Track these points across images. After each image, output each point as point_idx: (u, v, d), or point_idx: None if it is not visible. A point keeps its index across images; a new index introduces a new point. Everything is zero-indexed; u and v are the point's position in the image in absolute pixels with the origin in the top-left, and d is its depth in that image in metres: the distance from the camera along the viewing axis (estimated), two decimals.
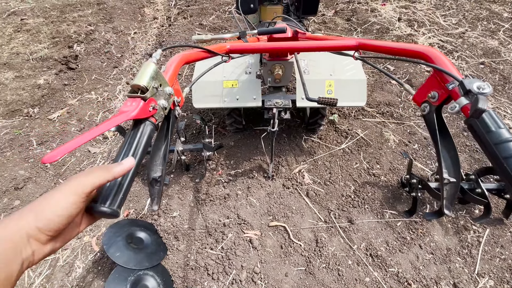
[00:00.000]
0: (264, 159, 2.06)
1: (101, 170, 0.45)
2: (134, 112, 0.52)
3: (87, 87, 2.82)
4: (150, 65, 0.58)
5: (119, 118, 0.51)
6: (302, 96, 1.72)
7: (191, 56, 0.78)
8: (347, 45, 0.86)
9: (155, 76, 0.59)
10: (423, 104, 0.66)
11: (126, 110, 0.52)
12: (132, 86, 0.57)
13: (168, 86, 0.64)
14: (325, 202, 1.82)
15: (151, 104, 0.58)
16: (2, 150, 2.17)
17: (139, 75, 0.57)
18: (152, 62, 0.59)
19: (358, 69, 1.77)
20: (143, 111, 0.55)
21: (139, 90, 0.57)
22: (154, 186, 0.64)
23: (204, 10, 4.01)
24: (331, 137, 2.21)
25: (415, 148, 2.13)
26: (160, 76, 0.61)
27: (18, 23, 3.80)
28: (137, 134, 0.53)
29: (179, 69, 0.72)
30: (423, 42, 3.17)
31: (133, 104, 0.54)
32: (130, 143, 0.52)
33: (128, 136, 0.54)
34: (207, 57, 0.84)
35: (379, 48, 0.77)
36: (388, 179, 1.94)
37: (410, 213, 1.72)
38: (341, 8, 4.04)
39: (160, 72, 0.61)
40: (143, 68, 0.58)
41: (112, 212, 0.45)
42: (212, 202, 1.81)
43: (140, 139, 0.53)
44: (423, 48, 0.68)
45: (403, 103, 2.52)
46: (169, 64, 0.69)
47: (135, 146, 0.52)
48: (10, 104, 2.56)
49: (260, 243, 1.63)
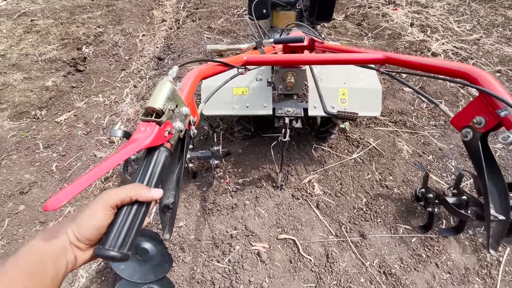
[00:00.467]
0: (273, 168, 2.01)
1: (130, 188, 0.47)
2: (148, 140, 0.47)
3: (94, 89, 2.81)
4: (166, 85, 0.53)
5: (130, 148, 0.46)
6: (315, 104, 1.67)
7: (208, 70, 0.73)
8: (372, 59, 0.80)
9: (172, 97, 0.54)
10: (464, 129, 0.59)
11: (139, 137, 0.47)
12: (147, 109, 0.51)
13: (184, 106, 0.58)
14: (336, 215, 1.76)
15: (167, 128, 0.53)
16: (8, 153, 2.16)
17: (154, 96, 0.51)
18: (168, 81, 0.54)
19: (373, 77, 1.71)
20: (158, 138, 0.50)
21: (153, 113, 0.52)
22: (165, 213, 0.59)
23: (213, 13, 3.99)
24: (342, 146, 2.15)
25: (430, 160, 2.05)
26: (177, 96, 0.56)
27: (28, 24, 3.82)
28: (151, 162, 0.48)
29: (196, 85, 0.67)
30: (436, 49, 3.09)
31: (147, 130, 0.48)
32: (143, 174, 0.47)
33: (141, 165, 0.49)
34: (224, 70, 0.79)
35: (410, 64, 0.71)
36: (401, 192, 1.87)
37: (425, 228, 1.64)
38: (352, 12, 3.98)
39: (177, 91, 0.56)
40: (158, 88, 0.53)
41: (123, 257, 0.40)
42: (219, 212, 1.76)
43: (154, 169, 0.48)
44: (467, 68, 0.61)
45: (416, 112, 2.45)
46: (185, 80, 0.64)
47: (149, 177, 0.47)
48: (18, 105, 2.55)
49: (268, 256, 1.57)
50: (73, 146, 2.25)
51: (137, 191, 0.46)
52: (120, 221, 0.43)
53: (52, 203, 0.35)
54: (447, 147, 2.13)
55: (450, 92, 2.62)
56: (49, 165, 2.09)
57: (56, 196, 0.36)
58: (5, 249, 1.63)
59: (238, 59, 0.86)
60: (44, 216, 1.79)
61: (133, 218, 0.44)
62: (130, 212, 0.44)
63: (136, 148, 0.46)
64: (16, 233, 1.71)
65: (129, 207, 0.44)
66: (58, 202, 0.36)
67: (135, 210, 0.45)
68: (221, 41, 3.44)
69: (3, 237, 1.69)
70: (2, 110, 2.51)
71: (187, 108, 0.58)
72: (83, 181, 0.39)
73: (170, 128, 0.53)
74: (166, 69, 3.03)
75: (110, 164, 0.43)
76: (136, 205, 0.45)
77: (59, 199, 0.36)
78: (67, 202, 0.38)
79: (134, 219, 0.44)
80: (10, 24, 3.82)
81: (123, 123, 2.47)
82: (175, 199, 0.59)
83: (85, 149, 2.23)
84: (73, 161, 2.14)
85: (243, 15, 3.95)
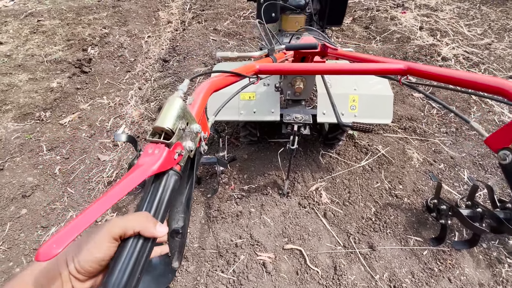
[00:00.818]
0: (279, 175, 1.96)
1: (136, 220, 0.43)
2: (156, 166, 0.43)
3: (99, 91, 2.79)
4: (176, 102, 0.48)
5: (135, 176, 0.41)
6: (324, 111, 1.62)
7: (220, 82, 0.69)
8: (393, 69, 0.75)
9: (182, 115, 0.49)
10: (502, 151, 0.53)
11: (145, 162, 0.43)
12: (155, 128, 0.47)
13: (195, 123, 0.54)
14: (344, 225, 1.70)
15: (177, 150, 0.48)
16: (12, 155, 2.14)
17: (164, 115, 0.47)
18: (178, 98, 0.49)
19: (384, 84, 1.66)
20: (167, 162, 0.45)
21: (162, 133, 0.48)
22: (174, 238, 0.54)
23: (219, 15, 3.96)
24: (350, 152, 2.09)
25: (441, 168, 1.99)
26: (188, 113, 0.51)
27: (35, 24, 3.82)
28: (159, 189, 0.44)
29: (207, 99, 0.62)
30: (446, 53, 3.02)
31: (155, 153, 0.44)
32: (150, 202, 0.43)
33: (148, 192, 0.44)
34: (236, 81, 0.75)
35: (436, 76, 0.66)
36: (411, 202, 1.81)
37: (437, 241, 1.58)
38: (359, 15, 3.92)
39: (187, 108, 0.51)
40: (168, 105, 0.48)
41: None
42: (224, 220, 1.72)
43: (163, 196, 0.44)
44: (503, 83, 0.56)
45: (427, 118, 2.38)
46: (197, 94, 0.59)
47: (156, 205, 0.43)
48: (23, 107, 2.54)
49: (274, 267, 1.52)
50: (77, 148, 2.22)
51: (144, 224, 0.42)
52: (124, 258, 0.38)
53: (45, 252, 0.31)
54: (459, 155, 2.07)
55: (461, 98, 2.55)
56: (52, 168, 2.07)
57: (49, 242, 0.32)
58: (6, 254, 1.61)
59: (250, 68, 0.81)
60: (46, 221, 1.76)
61: (138, 254, 0.40)
62: (135, 247, 0.40)
63: (142, 176, 0.41)
64: (17, 238, 1.68)
65: (135, 241, 0.40)
66: (52, 251, 0.31)
67: (141, 244, 0.40)
68: (227, 43, 3.41)
69: (4, 241, 1.66)
70: (6, 111, 2.50)
71: (198, 125, 0.53)
72: (81, 222, 0.35)
73: (181, 150, 0.49)
74: (171, 71, 3.01)
75: (113, 198, 0.39)
76: (142, 239, 0.41)
77: (52, 248, 0.31)
78: (62, 250, 0.33)
79: (139, 255, 0.40)
80: (16, 24, 3.83)
81: (127, 126, 2.45)
82: (185, 223, 0.54)
83: (89, 152, 2.20)
84: (76, 164, 2.11)
85: (249, 17, 3.92)
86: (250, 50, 3.29)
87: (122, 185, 0.40)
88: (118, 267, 0.38)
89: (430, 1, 4.12)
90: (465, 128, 2.27)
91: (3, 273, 1.53)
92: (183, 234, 0.52)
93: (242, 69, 0.79)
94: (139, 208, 0.44)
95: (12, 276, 0.64)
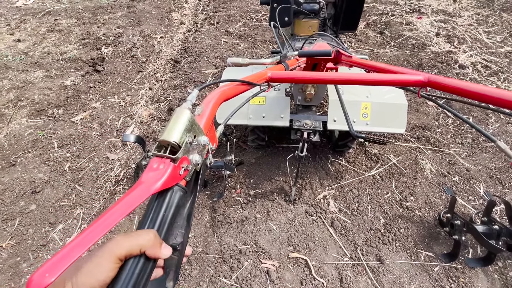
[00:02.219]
0: (286, 181, 1.93)
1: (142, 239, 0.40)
2: (159, 183, 0.40)
3: (111, 90, 2.82)
4: (184, 114, 0.46)
5: (137, 195, 0.39)
6: (335, 118, 1.59)
7: (230, 91, 0.67)
8: (412, 81, 0.71)
9: (190, 127, 0.47)
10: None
11: (148, 179, 0.40)
12: (161, 142, 0.45)
13: (203, 135, 0.51)
14: (352, 235, 1.66)
15: (183, 165, 0.46)
16: (24, 151, 2.18)
17: (170, 127, 0.45)
18: (186, 109, 0.47)
19: (398, 92, 1.61)
20: (172, 178, 0.43)
21: (169, 146, 0.45)
22: (172, 255, 0.52)
23: (231, 17, 3.96)
24: (360, 161, 2.04)
25: (455, 181, 1.92)
26: (195, 126, 0.49)
27: (52, 23, 3.92)
28: (162, 206, 0.42)
29: (217, 109, 0.60)
30: (464, 61, 2.93)
31: (159, 168, 0.42)
32: (152, 219, 0.41)
33: (151, 208, 0.42)
34: (247, 89, 0.73)
35: (459, 91, 0.61)
36: (423, 214, 1.74)
37: (450, 257, 1.52)
38: (374, 20, 3.86)
39: (196, 120, 0.49)
40: (175, 117, 0.46)
41: None
42: (229, 225, 1.69)
43: (166, 213, 0.42)
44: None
45: (441, 128, 2.31)
46: (206, 104, 0.57)
47: (160, 222, 0.41)
48: (37, 103, 2.59)
49: (278, 276, 1.49)
50: (87, 146, 2.25)
51: (151, 243, 0.39)
52: (124, 278, 0.36)
53: (37, 283, 0.29)
54: (475, 168, 1.99)
55: (478, 108, 2.46)
56: (62, 165, 2.10)
57: (41, 271, 0.30)
58: (14, 249, 1.63)
59: (262, 75, 0.79)
60: (54, 218, 1.78)
61: (140, 274, 0.37)
62: (136, 266, 0.37)
63: (145, 194, 0.39)
64: (26, 233, 1.71)
65: (136, 261, 0.38)
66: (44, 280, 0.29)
67: (142, 264, 0.38)
68: (238, 45, 3.40)
69: (13, 236, 1.69)
70: (21, 108, 2.56)
71: (206, 137, 0.51)
72: (77, 248, 0.33)
73: (187, 164, 0.47)
74: (182, 72, 3.02)
75: (112, 219, 0.36)
76: (143, 259, 0.39)
77: (44, 277, 0.29)
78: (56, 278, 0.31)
79: (140, 275, 0.38)
80: (35, 22, 3.93)
81: (137, 126, 2.46)
82: (184, 239, 0.50)
83: (98, 151, 2.23)
84: (85, 162, 2.14)
85: (261, 20, 3.91)
86: (261, 54, 3.27)
87: (123, 204, 0.38)
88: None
89: (447, 6, 4.02)
90: (482, 139, 2.18)
91: (10, 267, 1.55)
92: (180, 252, 0.49)
93: (254, 77, 0.76)
94: (141, 226, 0.42)
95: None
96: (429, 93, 0.72)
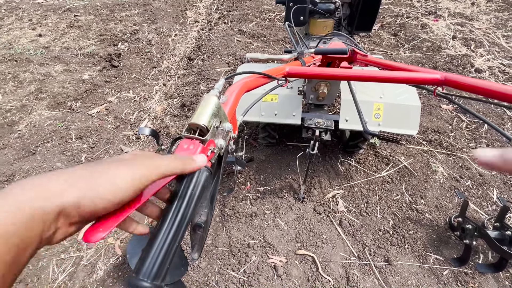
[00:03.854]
0: (296, 179, 1.95)
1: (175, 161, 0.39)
2: None
3: (126, 85, 2.90)
4: (212, 100, 0.50)
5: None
6: (347, 117, 1.59)
7: (252, 83, 0.70)
8: (429, 79, 0.72)
9: (217, 113, 0.51)
10: None
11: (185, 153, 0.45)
12: (190, 124, 0.48)
13: (227, 122, 0.55)
14: (360, 235, 1.66)
15: (210, 147, 0.49)
16: (44, 141, 2.27)
17: (199, 112, 0.48)
18: (214, 96, 0.50)
19: (412, 93, 1.60)
20: None
21: (197, 129, 0.49)
22: (196, 231, 0.56)
23: (245, 16, 4.00)
24: (370, 162, 2.04)
25: (468, 186, 1.89)
26: (221, 112, 0.52)
27: (72, 19, 4.05)
28: (190, 184, 0.45)
29: (239, 98, 0.63)
30: (481, 65, 2.87)
31: (190, 148, 0.45)
32: (181, 197, 0.44)
33: (180, 186, 0.46)
34: (266, 83, 0.76)
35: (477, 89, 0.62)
36: (433, 218, 1.73)
37: (460, 262, 1.50)
38: (388, 22, 3.82)
39: (222, 107, 0.53)
40: (204, 102, 0.50)
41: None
42: (238, 219, 1.72)
43: (194, 191, 0.45)
44: None
45: (455, 132, 2.27)
46: (230, 93, 0.61)
47: (188, 199, 0.44)
48: (56, 96, 2.69)
49: (285, 271, 1.51)
50: (102, 139, 2.32)
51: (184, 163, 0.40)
52: (158, 243, 0.39)
53: (91, 235, 0.33)
54: (489, 173, 1.95)
55: (494, 113, 2.41)
56: (79, 156, 2.17)
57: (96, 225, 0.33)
58: None
59: (280, 70, 0.82)
60: None
61: (172, 239, 0.40)
62: (170, 232, 0.40)
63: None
64: None
65: (170, 225, 0.41)
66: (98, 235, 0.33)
67: (176, 229, 0.41)
68: (251, 45, 3.43)
69: None
70: (42, 99, 2.67)
71: (230, 124, 0.54)
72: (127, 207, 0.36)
73: (213, 147, 0.50)
74: (195, 69, 3.07)
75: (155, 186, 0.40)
76: (177, 223, 0.41)
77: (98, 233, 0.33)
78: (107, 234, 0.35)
79: (173, 240, 0.40)
80: (55, 18, 4.07)
81: (150, 120, 2.53)
82: (208, 218, 0.55)
83: (113, 143, 2.30)
84: (101, 153, 2.21)
85: (274, 20, 3.93)
86: (274, 53, 3.29)
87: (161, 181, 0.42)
88: (152, 253, 0.38)
89: (465, 9, 3.94)
90: (496, 145, 2.14)
91: None
92: (204, 229, 0.54)
93: (272, 71, 0.79)
94: (170, 205, 0.45)
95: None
96: (445, 92, 0.73)
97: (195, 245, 0.55)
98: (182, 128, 2.30)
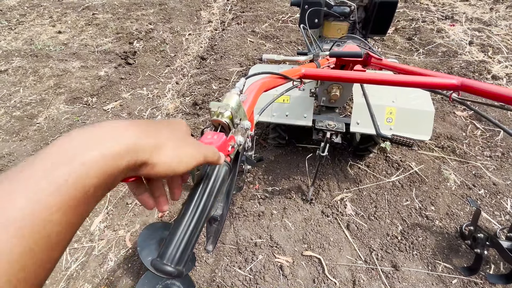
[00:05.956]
0: (304, 180, 1.95)
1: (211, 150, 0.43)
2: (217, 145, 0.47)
3: (140, 82, 2.97)
4: (233, 98, 0.53)
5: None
6: (358, 120, 1.59)
7: (270, 83, 0.72)
8: (445, 84, 0.72)
9: (238, 110, 0.54)
10: None
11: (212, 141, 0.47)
12: (213, 121, 0.51)
13: (246, 120, 0.57)
14: (367, 239, 1.65)
15: (231, 142, 0.52)
16: (61, 134, 2.35)
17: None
18: (235, 94, 0.53)
19: (425, 98, 1.59)
20: (223, 150, 0.49)
21: (219, 126, 0.52)
22: (212, 224, 0.58)
23: (258, 17, 4.03)
24: (380, 166, 2.02)
25: (481, 194, 1.85)
26: (241, 110, 0.55)
27: (90, 17, 4.17)
28: (211, 177, 0.47)
29: (258, 98, 0.65)
30: (498, 72, 2.80)
31: (214, 138, 0.48)
32: (203, 189, 0.46)
33: (202, 179, 0.48)
34: (283, 83, 0.78)
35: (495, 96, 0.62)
36: (443, 225, 1.70)
37: (470, 271, 1.47)
38: (403, 25, 3.77)
39: (242, 105, 0.55)
40: (226, 100, 0.53)
41: (178, 274, 0.39)
42: (246, 218, 1.74)
43: (214, 184, 0.47)
44: None
45: (469, 139, 2.23)
46: (249, 92, 0.63)
47: (208, 192, 0.46)
48: (74, 91, 2.78)
49: (291, 271, 1.52)
50: None
51: (216, 155, 0.44)
52: (181, 230, 0.41)
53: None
54: (503, 182, 1.91)
55: (511, 121, 2.35)
56: None
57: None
58: None
59: (296, 71, 0.83)
60: None
61: (194, 227, 0.42)
62: (192, 220, 0.42)
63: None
64: None
65: (192, 215, 0.43)
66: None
67: (197, 218, 0.43)
68: (264, 46, 3.45)
69: None
70: (60, 94, 2.76)
71: (248, 122, 0.57)
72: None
73: (234, 143, 0.52)
74: (207, 69, 3.12)
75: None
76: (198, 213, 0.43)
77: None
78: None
79: (194, 228, 0.42)
80: (74, 16, 4.20)
81: (163, 117, 2.58)
82: (223, 212, 0.57)
83: None
84: None
85: (287, 21, 3.94)
86: (287, 55, 3.30)
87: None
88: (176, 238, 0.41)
89: (483, 14, 3.85)
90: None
91: None
92: (220, 222, 0.56)
93: (289, 72, 0.81)
94: (193, 195, 0.46)
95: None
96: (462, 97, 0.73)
97: (210, 237, 0.58)
98: (193, 126, 2.34)
